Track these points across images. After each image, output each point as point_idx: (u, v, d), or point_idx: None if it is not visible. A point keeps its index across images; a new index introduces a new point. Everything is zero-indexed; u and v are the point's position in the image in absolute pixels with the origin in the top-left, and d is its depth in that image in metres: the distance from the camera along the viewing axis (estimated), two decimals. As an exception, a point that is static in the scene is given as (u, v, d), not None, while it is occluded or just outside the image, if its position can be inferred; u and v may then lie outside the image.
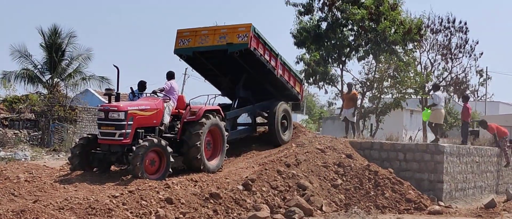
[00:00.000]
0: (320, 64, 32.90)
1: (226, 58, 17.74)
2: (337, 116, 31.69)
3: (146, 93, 16.21)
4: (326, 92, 34.77)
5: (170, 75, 16.32)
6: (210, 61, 18.51)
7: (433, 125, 20.53)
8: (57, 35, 40.22)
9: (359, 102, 21.73)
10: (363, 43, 33.49)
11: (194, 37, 18.00)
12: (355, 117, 21.40)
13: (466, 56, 41.69)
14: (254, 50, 17.43)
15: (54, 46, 39.93)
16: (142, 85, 16.90)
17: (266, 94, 19.18)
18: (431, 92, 30.22)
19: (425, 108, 21.57)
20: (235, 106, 18.51)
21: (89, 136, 15.16)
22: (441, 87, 36.61)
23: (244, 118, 19.78)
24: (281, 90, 19.31)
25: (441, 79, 41.39)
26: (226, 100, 19.65)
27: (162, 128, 15.05)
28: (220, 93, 19.11)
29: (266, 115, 18.79)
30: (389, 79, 33.49)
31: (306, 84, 32.69)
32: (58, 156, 28.81)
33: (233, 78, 18.81)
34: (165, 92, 15.56)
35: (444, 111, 21.54)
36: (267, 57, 18.08)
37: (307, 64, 32.97)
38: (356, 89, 23.01)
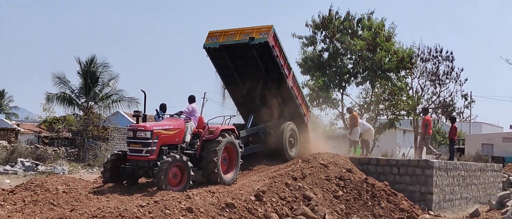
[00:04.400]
0: (323, 89, 32.93)
1: (246, 59, 17.83)
2: (339, 135, 31.55)
3: (169, 114, 16.23)
4: (326, 114, 34.75)
5: (192, 99, 16.40)
6: (233, 61, 18.45)
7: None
8: (92, 64, 40.54)
9: (366, 125, 21.63)
10: (361, 71, 33.53)
11: (222, 35, 18.21)
12: (357, 136, 21.31)
13: (452, 82, 41.58)
14: (272, 48, 17.50)
15: (89, 73, 40.22)
16: (163, 107, 17.02)
17: (275, 115, 19.12)
18: (421, 115, 30.09)
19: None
20: (249, 125, 18.49)
21: (119, 152, 15.15)
22: (430, 110, 36.50)
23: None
24: (290, 107, 19.22)
25: (430, 102, 41.25)
26: (240, 120, 19.64)
27: (184, 145, 15.05)
28: (235, 114, 19.11)
29: (276, 133, 18.73)
30: (384, 102, 33.44)
31: (310, 106, 32.74)
32: (92, 170, 28.87)
33: (250, 87, 18.73)
34: (187, 114, 15.60)
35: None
36: (282, 61, 18.11)
37: (311, 89, 32.98)
38: (355, 111, 22.96)
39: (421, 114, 26.40)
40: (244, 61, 18.27)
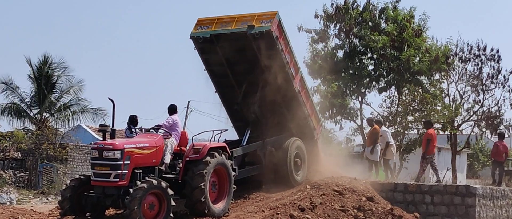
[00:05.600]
0: (337, 96, 32.90)
1: (243, 54, 17.91)
2: (357, 154, 31.57)
3: (144, 129, 16.17)
4: (341, 127, 34.70)
5: (173, 109, 16.40)
6: (226, 57, 18.43)
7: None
8: (47, 66, 40.48)
9: (389, 137, 21.64)
10: (385, 73, 33.59)
11: (214, 23, 18.25)
12: (377, 155, 21.33)
13: (499, 87, 41.55)
14: (276, 39, 17.54)
15: (44, 77, 40.17)
16: (133, 120, 16.87)
17: (278, 128, 19.12)
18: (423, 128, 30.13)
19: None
20: (245, 142, 18.42)
21: (82, 177, 15.14)
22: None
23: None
24: (296, 118, 19.23)
25: (471, 113, 41.28)
26: (234, 136, 19.62)
27: (162, 168, 15.03)
28: (226, 129, 19.09)
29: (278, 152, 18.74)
30: (414, 113, 33.47)
31: (321, 118, 32.78)
32: (47, 199, 28.84)
33: (247, 91, 18.74)
34: (167, 128, 15.59)
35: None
36: (288, 58, 18.16)
37: (323, 97, 32.93)
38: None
39: (423, 128, 26.59)
40: (240, 56, 18.27)
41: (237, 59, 18.47)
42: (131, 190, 13.69)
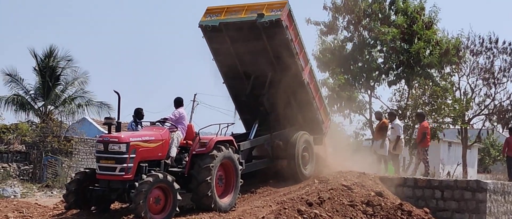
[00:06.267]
0: (346, 89, 32.87)
1: (252, 44, 17.94)
2: (366, 148, 31.54)
3: (149, 122, 16.18)
4: (351, 121, 34.69)
5: (179, 102, 16.37)
6: (235, 46, 18.44)
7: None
8: (52, 58, 40.52)
9: (400, 131, 21.63)
10: (394, 66, 33.53)
11: (224, 12, 18.30)
12: (386, 150, 21.31)
13: (511, 81, 41.54)
14: (286, 29, 17.54)
15: (49, 69, 40.23)
16: (138, 113, 16.86)
17: (286, 121, 19.11)
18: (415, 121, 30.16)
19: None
20: (252, 136, 18.40)
21: (87, 170, 15.13)
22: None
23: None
24: (305, 111, 19.21)
25: (482, 107, 41.22)
26: (241, 129, 19.63)
27: (168, 161, 15.03)
28: (233, 122, 19.09)
29: (285, 146, 18.74)
30: (424, 107, 33.40)
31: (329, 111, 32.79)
32: (51, 193, 28.92)
33: (256, 82, 18.74)
34: (173, 122, 15.58)
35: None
36: (297, 49, 18.15)
37: (331, 89, 32.90)
38: (386, 118, 22.90)
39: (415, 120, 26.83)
40: (249, 46, 18.26)
41: (246, 49, 18.46)
42: (136, 184, 13.68)
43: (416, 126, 28.34)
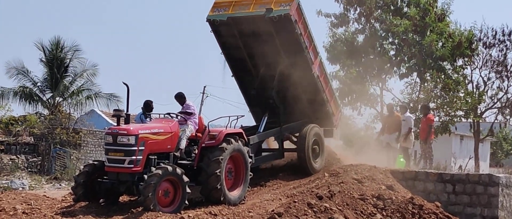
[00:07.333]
0: (357, 82, 32.85)
1: (261, 38, 17.92)
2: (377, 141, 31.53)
3: (158, 114, 16.20)
4: (361, 114, 34.65)
5: (182, 97, 16.19)
6: (244, 40, 18.49)
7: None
8: (59, 49, 40.59)
9: (412, 123, 21.59)
10: (406, 59, 33.43)
11: (232, 6, 18.29)
12: (398, 144, 21.29)
13: (525, 74, 41.34)
14: (295, 23, 17.54)
15: (56, 61, 40.31)
16: (148, 106, 16.88)
17: (296, 114, 19.13)
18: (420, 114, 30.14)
19: None
20: (262, 129, 18.41)
21: (95, 162, 15.18)
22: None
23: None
24: (315, 104, 19.22)
25: (495, 100, 41.09)
26: (250, 121, 19.64)
27: (178, 154, 15.07)
28: (243, 114, 19.10)
29: (295, 139, 18.78)
30: (436, 100, 33.34)
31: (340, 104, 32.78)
32: (60, 185, 29.01)
33: (265, 76, 18.77)
34: (183, 114, 15.58)
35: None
36: (307, 42, 18.15)
37: (342, 82, 32.89)
38: (397, 111, 22.83)
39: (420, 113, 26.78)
40: (258, 40, 18.28)
41: (255, 42, 18.47)
42: (145, 176, 13.72)
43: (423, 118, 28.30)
